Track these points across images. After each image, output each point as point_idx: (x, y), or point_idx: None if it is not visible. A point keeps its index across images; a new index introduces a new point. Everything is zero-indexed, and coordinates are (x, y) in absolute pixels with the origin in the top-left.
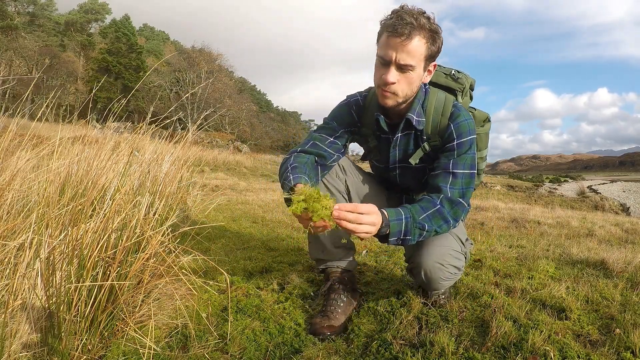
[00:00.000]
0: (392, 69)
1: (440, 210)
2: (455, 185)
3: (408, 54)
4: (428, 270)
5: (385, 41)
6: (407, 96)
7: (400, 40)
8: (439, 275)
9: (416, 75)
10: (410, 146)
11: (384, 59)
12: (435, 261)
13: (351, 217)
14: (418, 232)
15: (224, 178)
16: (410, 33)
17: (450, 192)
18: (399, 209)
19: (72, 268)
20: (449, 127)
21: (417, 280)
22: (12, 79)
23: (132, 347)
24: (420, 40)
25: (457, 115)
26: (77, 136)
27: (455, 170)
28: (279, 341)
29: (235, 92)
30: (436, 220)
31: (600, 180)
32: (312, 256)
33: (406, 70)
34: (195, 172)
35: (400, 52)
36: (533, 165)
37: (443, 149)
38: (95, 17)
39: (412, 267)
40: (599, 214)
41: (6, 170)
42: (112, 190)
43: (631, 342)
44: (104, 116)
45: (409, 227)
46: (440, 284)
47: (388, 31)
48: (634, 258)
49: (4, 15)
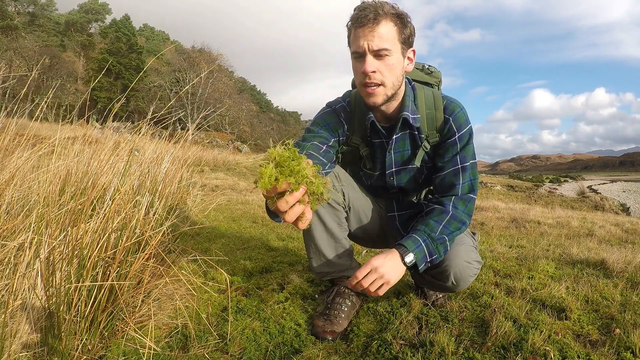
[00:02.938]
0: (368, 58)
1: (454, 214)
2: (465, 179)
3: (380, 38)
4: (458, 271)
5: (354, 35)
6: (394, 86)
7: (369, 27)
8: (468, 273)
9: (395, 60)
10: (407, 147)
11: (357, 52)
12: (463, 260)
13: (373, 280)
14: (442, 247)
15: (224, 178)
16: (376, 17)
17: (461, 189)
18: (413, 235)
19: (72, 268)
20: (447, 122)
21: (441, 285)
22: (12, 78)
23: (132, 347)
24: (388, 24)
25: (452, 107)
26: (77, 136)
27: (464, 164)
28: (279, 341)
29: (235, 92)
30: (453, 225)
31: (600, 180)
32: (315, 271)
33: (383, 55)
34: (195, 172)
35: (370, 39)
36: (533, 165)
37: (444, 145)
38: (96, 17)
39: (435, 273)
40: (599, 214)
41: (5, 170)
42: (112, 190)
43: (631, 342)
44: (103, 116)
45: (431, 247)
46: (468, 281)
47: (354, 24)
48: (634, 258)
49: (4, 15)
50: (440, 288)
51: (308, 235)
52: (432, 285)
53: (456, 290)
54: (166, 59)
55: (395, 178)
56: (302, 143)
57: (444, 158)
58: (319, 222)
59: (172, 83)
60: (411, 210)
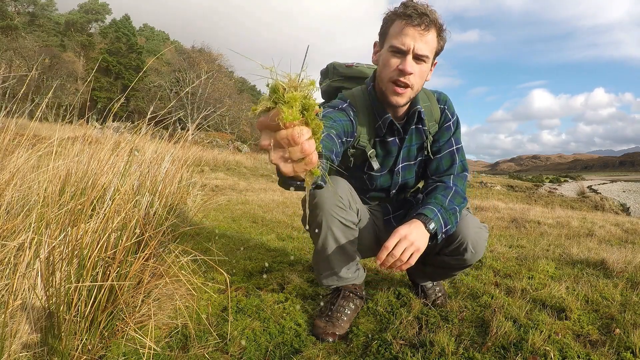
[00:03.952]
0: (409, 59)
1: (457, 190)
2: (458, 159)
3: (426, 44)
4: (474, 239)
5: (401, 30)
6: (417, 92)
7: (420, 30)
8: (482, 238)
9: (427, 68)
10: (413, 141)
11: (399, 49)
12: (475, 227)
13: (404, 249)
14: (454, 217)
15: (224, 178)
16: (430, 24)
17: (456, 169)
18: (428, 206)
19: (72, 268)
20: (442, 111)
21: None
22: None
23: (132, 347)
24: (434, 33)
25: (444, 97)
26: (77, 136)
27: (457, 145)
28: (279, 341)
29: (235, 92)
30: (457, 200)
31: (600, 180)
32: (324, 284)
33: (421, 61)
34: (195, 172)
35: (418, 41)
36: (533, 165)
37: (440, 131)
38: (95, 17)
39: (453, 247)
40: (599, 214)
41: (5, 170)
42: (111, 190)
43: (631, 342)
44: (103, 116)
45: (445, 217)
46: (484, 246)
47: (405, 20)
48: (634, 258)
49: (4, 15)
50: (459, 264)
51: (322, 254)
52: (450, 266)
53: (476, 259)
54: (166, 59)
55: (401, 174)
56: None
57: (439, 142)
58: (334, 242)
59: (172, 83)
60: (403, 210)
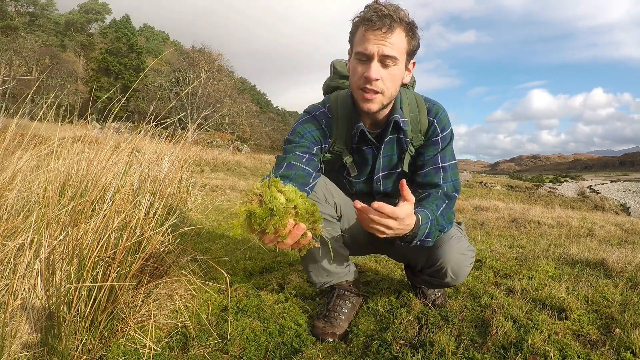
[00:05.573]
0: (374, 64)
1: (448, 204)
2: (447, 179)
3: (391, 47)
4: (454, 264)
5: (363, 36)
6: (392, 96)
7: (381, 33)
8: (465, 264)
9: (399, 71)
10: (394, 151)
11: (363, 54)
12: (457, 253)
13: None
14: (437, 233)
15: (224, 178)
16: (392, 24)
17: (446, 187)
18: (425, 211)
19: (72, 268)
20: (431, 124)
21: (440, 282)
22: (12, 78)
23: (132, 347)
24: (400, 33)
25: (436, 109)
26: (77, 136)
27: (444, 163)
28: (279, 341)
29: (235, 92)
30: (448, 216)
31: (600, 180)
32: (315, 283)
33: (389, 64)
34: (195, 172)
35: (381, 45)
36: (533, 165)
37: (426, 144)
38: (95, 17)
39: (433, 270)
40: (599, 214)
41: (6, 170)
42: (112, 190)
43: (631, 342)
44: (104, 116)
45: (432, 229)
46: (467, 271)
47: (365, 25)
48: (634, 258)
49: (4, 15)
50: (440, 285)
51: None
52: (431, 284)
53: (457, 283)
54: (166, 59)
55: (382, 183)
56: (286, 155)
57: (424, 156)
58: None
59: (172, 83)
60: None
